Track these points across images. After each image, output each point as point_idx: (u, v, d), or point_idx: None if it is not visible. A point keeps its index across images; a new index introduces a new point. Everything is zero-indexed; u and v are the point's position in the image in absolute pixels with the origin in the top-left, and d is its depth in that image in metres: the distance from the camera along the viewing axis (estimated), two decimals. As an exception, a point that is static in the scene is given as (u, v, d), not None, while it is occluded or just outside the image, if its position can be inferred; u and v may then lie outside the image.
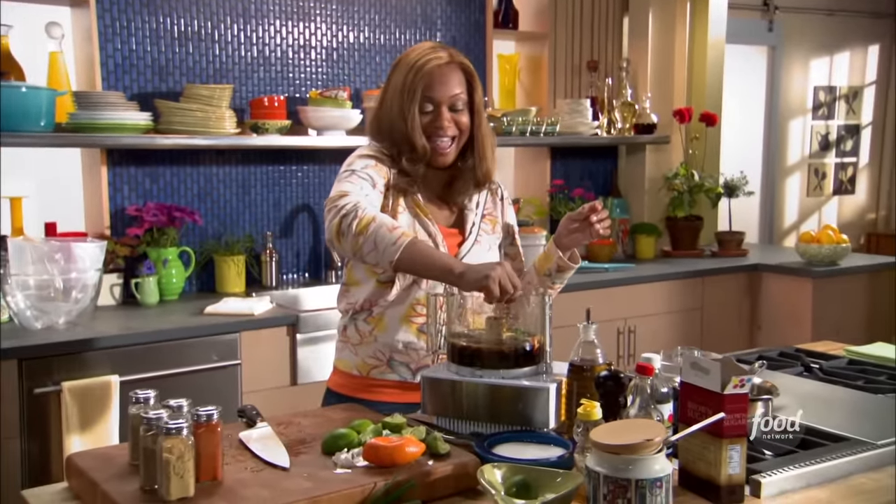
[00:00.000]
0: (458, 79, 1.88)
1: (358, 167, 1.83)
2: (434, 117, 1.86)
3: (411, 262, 1.65)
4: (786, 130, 6.04)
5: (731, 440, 1.30)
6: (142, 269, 2.99)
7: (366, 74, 3.54)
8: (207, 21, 3.21)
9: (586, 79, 4.02)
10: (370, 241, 1.64)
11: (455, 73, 1.87)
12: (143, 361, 2.60)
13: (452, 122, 1.87)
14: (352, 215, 1.65)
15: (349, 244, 1.66)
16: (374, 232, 1.63)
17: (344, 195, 1.71)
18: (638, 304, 3.62)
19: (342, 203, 1.68)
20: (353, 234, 1.64)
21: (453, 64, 1.87)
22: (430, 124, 1.86)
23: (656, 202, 4.19)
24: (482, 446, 1.48)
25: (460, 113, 1.88)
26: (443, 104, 1.86)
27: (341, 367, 1.97)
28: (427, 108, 1.86)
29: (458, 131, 1.88)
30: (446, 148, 1.87)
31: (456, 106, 1.87)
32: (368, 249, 1.64)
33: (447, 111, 1.86)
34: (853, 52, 6.27)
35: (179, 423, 1.26)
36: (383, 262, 1.66)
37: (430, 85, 1.85)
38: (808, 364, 2.05)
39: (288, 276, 3.44)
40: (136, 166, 3.12)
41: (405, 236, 1.64)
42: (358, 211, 1.66)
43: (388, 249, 1.63)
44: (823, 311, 3.73)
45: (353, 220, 1.65)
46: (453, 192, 1.94)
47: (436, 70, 1.85)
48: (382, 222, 1.65)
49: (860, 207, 6.50)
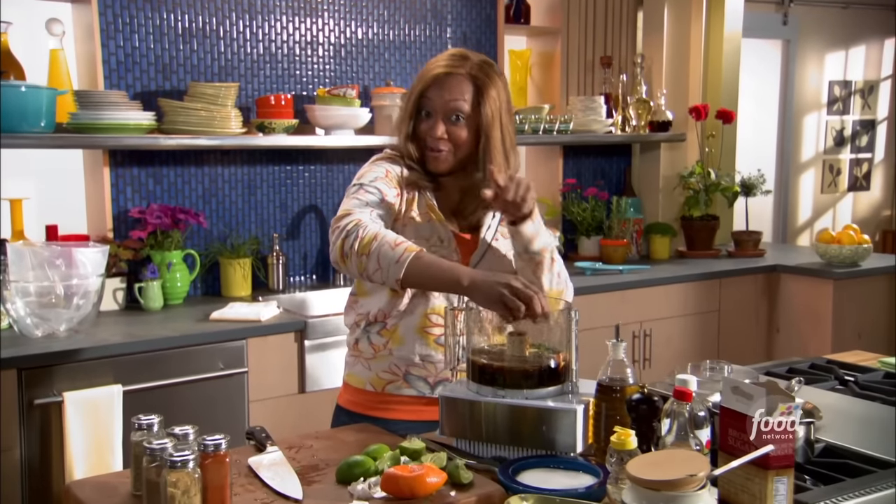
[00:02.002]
0: (463, 89, 1.76)
1: (367, 179, 1.76)
2: (429, 125, 1.78)
3: (418, 277, 1.58)
4: (800, 126, 5.93)
5: (777, 471, 1.21)
6: (145, 273, 2.91)
7: (374, 71, 3.44)
8: (212, 17, 3.12)
9: (600, 75, 3.92)
10: (374, 260, 1.58)
11: (461, 83, 1.76)
12: (147, 370, 2.52)
13: (446, 133, 1.76)
14: (353, 235, 1.60)
15: (354, 265, 1.60)
16: (376, 250, 1.57)
17: (347, 214, 1.66)
18: (653, 306, 3.53)
19: (344, 223, 1.63)
20: (356, 255, 1.59)
21: (463, 75, 1.76)
22: (424, 132, 1.79)
23: (671, 201, 4.09)
24: (506, 474, 1.39)
25: (458, 125, 1.76)
26: (437, 112, 1.76)
27: (353, 384, 1.88)
28: (423, 114, 1.79)
29: (454, 145, 1.77)
30: (438, 156, 1.78)
31: (453, 117, 1.76)
32: (373, 269, 1.59)
33: (442, 121, 1.76)
34: (868, 46, 6.15)
35: (185, 455, 1.18)
36: (389, 281, 1.59)
37: (428, 90, 1.77)
38: (842, 377, 1.96)
39: (295, 278, 3.35)
40: (139, 167, 3.04)
41: (409, 251, 1.57)
42: (360, 230, 1.60)
43: (392, 268, 1.56)
44: (844, 314, 3.63)
45: (355, 240, 1.59)
46: (465, 208, 1.86)
47: (440, 76, 1.77)
48: (385, 240, 1.58)
49: (875, 204, 6.40)
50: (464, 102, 1.76)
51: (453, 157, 1.79)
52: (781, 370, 2.04)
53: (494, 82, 1.78)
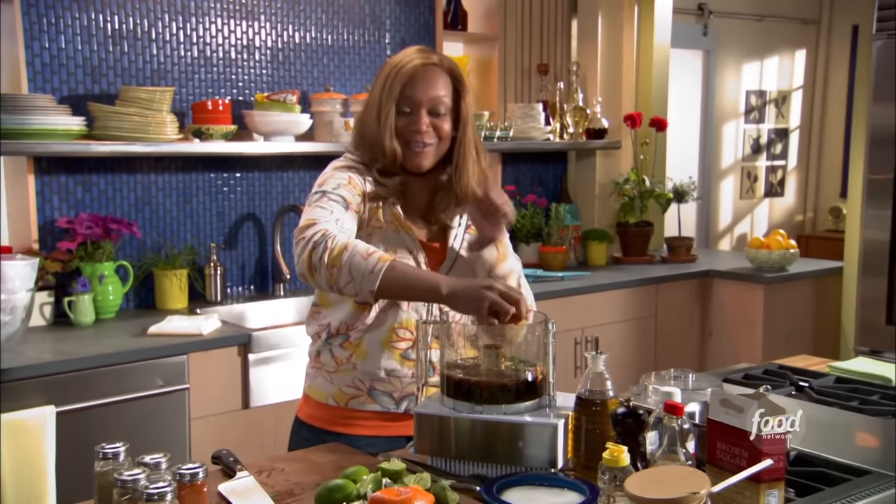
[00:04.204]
0: (444, 82, 1.74)
1: (330, 187, 1.68)
2: (411, 120, 1.71)
3: (394, 288, 1.53)
4: (720, 134, 6.09)
5: (769, 484, 1.21)
6: (75, 287, 2.76)
7: (313, 77, 3.37)
8: (143, 18, 2.99)
9: (536, 82, 3.94)
10: (345, 272, 1.51)
11: (440, 76, 1.74)
12: (82, 389, 2.39)
13: (431, 127, 1.72)
14: (321, 246, 1.52)
15: (323, 278, 1.53)
16: (347, 261, 1.51)
17: (312, 224, 1.57)
18: (594, 313, 3.55)
19: (310, 233, 1.55)
20: (325, 267, 1.52)
21: (440, 67, 1.74)
22: (406, 127, 1.72)
23: (606, 208, 4.14)
24: (490, 492, 1.35)
25: (442, 118, 1.73)
26: (422, 106, 1.71)
27: (314, 397, 1.81)
28: (405, 110, 1.72)
29: (438, 138, 1.73)
30: (423, 151, 1.72)
31: (437, 110, 1.73)
32: (345, 281, 1.52)
33: (426, 115, 1.72)
34: (781, 57, 6.37)
35: (162, 487, 1.10)
36: (363, 293, 1.53)
37: (411, 84, 1.71)
38: (797, 383, 1.99)
39: (233, 290, 3.24)
40: (66, 175, 2.88)
41: (382, 261, 1.51)
42: (328, 241, 1.53)
43: (366, 279, 1.51)
44: (774, 317, 3.74)
45: (324, 251, 1.52)
46: (435, 208, 1.80)
47: (419, 69, 1.72)
48: (356, 250, 1.52)
49: (789, 209, 6.63)
50: (446, 95, 1.73)
51: (435, 153, 1.75)
52: (738, 376, 2.06)
53: (464, 74, 1.77)
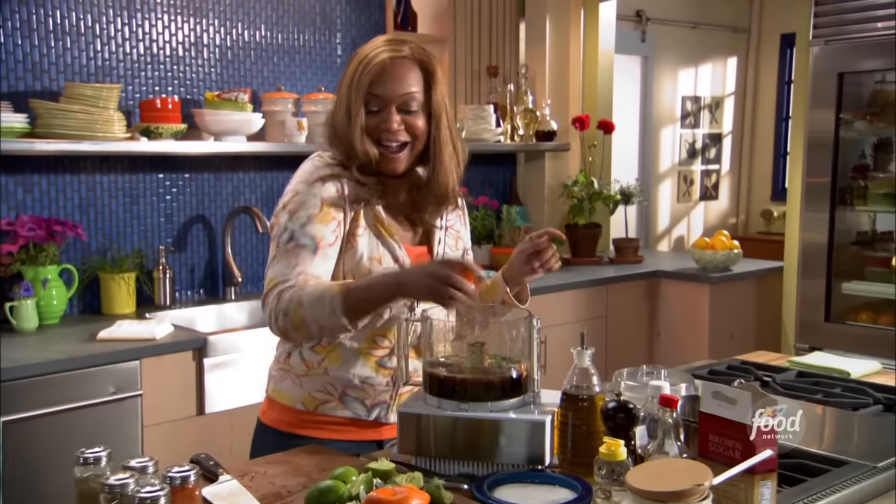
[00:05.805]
0: (415, 76, 1.64)
1: (298, 224, 1.60)
2: (381, 118, 1.64)
3: (361, 310, 1.54)
4: (658, 138, 6.21)
5: (762, 476, 1.22)
6: (18, 291, 2.64)
7: (263, 76, 3.30)
8: (87, 13, 2.89)
9: (486, 84, 3.94)
10: (312, 326, 1.53)
11: (410, 70, 1.64)
12: (29, 398, 2.29)
13: (403, 125, 1.64)
14: (282, 314, 1.53)
15: (303, 339, 1.61)
16: (309, 317, 1.51)
17: (273, 287, 1.57)
18: (547, 313, 3.52)
19: (272, 299, 1.56)
20: (294, 331, 1.55)
21: (410, 59, 1.65)
22: (376, 126, 1.64)
23: (555, 209, 4.17)
24: (482, 491, 1.33)
25: (414, 115, 1.65)
26: (391, 103, 1.63)
27: (280, 401, 1.74)
28: (373, 108, 1.64)
29: (412, 136, 1.66)
30: (395, 153, 1.66)
31: (408, 107, 1.64)
32: (318, 333, 1.56)
33: (396, 112, 1.64)
34: (715, 64, 6.53)
35: (155, 491, 1.05)
36: (341, 332, 1.56)
37: (378, 80, 1.62)
38: (761, 378, 2.03)
39: (183, 293, 3.15)
40: (6, 175, 2.76)
41: (333, 295, 1.50)
42: (288, 306, 1.53)
43: (333, 322, 1.51)
44: (719, 316, 3.81)
45: (285, 319, 1.53)
46: (416, 207, 1.74)
47: (387, 64, 1.62)
48: (310, 302, 1.51)
49: (723, 212, 6.79)
50: (417, 91, 1.65)
51: (411, 152, 1.67)
52: (703, 372, 2.09)
53: (436, 64, 1.69)
